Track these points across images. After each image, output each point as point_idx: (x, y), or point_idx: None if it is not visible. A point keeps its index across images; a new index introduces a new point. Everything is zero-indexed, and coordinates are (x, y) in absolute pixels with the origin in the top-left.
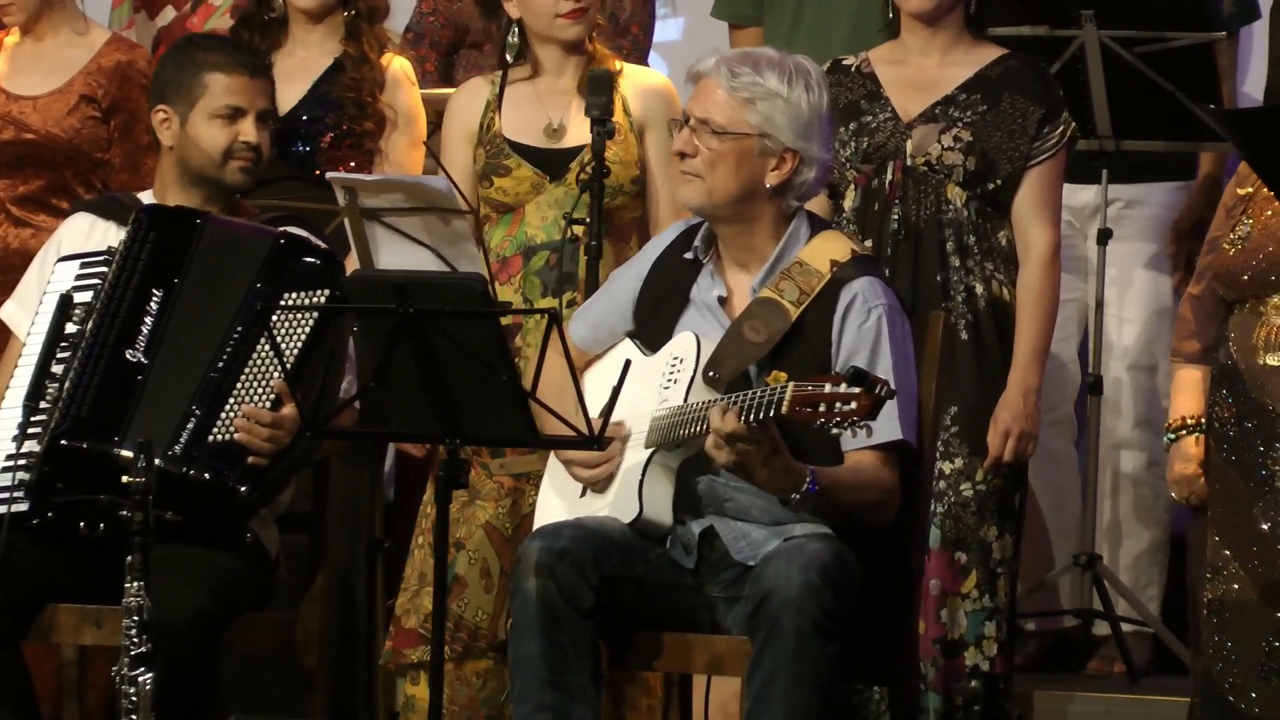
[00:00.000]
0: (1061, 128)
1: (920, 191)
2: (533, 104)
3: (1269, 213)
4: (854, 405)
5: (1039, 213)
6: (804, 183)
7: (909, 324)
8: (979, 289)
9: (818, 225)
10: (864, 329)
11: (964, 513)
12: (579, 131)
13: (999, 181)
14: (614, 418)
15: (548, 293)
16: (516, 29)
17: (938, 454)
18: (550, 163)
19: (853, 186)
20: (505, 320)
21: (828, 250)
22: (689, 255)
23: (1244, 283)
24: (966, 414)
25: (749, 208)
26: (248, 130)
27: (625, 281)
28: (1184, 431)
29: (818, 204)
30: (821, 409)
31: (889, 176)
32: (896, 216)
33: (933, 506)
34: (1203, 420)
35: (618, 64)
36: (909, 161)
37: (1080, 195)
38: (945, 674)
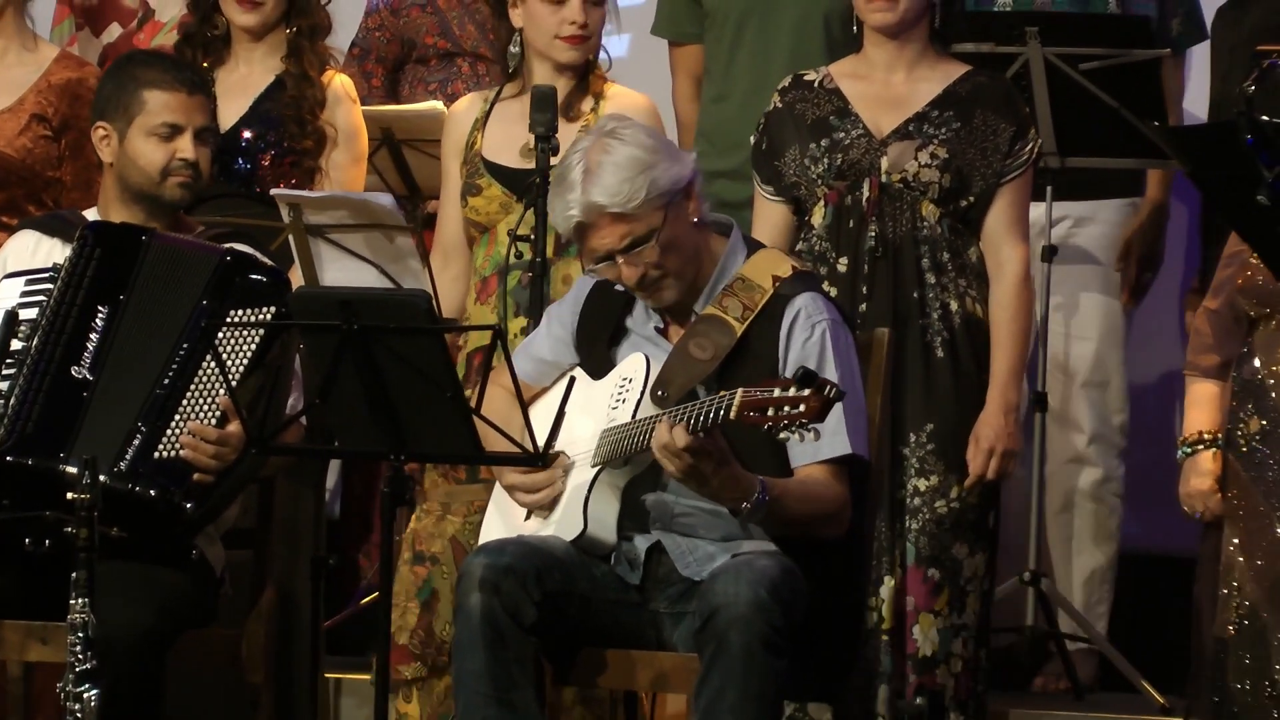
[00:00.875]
0: (1031, 144)
1: (896, 208)
2: (517, 122)
3: None
4: (802, 407)
5: (1011, 230)
6: (700, 191)
7: (853, 337)
8: (954, 306)
9: (754, 244)
10: (809, 344)
11: (938, 530)
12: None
13: (972, 199)
14: (561, 441)
15: (521, 312)
16: (519, 39)
17: (914, 471)
18: (519, 182)
19: (823, 203)
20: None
21: (769, 266)
22: (620, 288)
23: (1269, 298)
24: (943, 431)
25: (697, 252)
26: (185, 147)
27: (563, 315)
28: (1200, 446)
29: (780, 219)
30: (770, 412)
31: (865, 193)
32: (873, 233)
33: (908, 523)
34: (1219, 435)
35: (608, 86)
36: (885, 178)
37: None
38: (914, 690)
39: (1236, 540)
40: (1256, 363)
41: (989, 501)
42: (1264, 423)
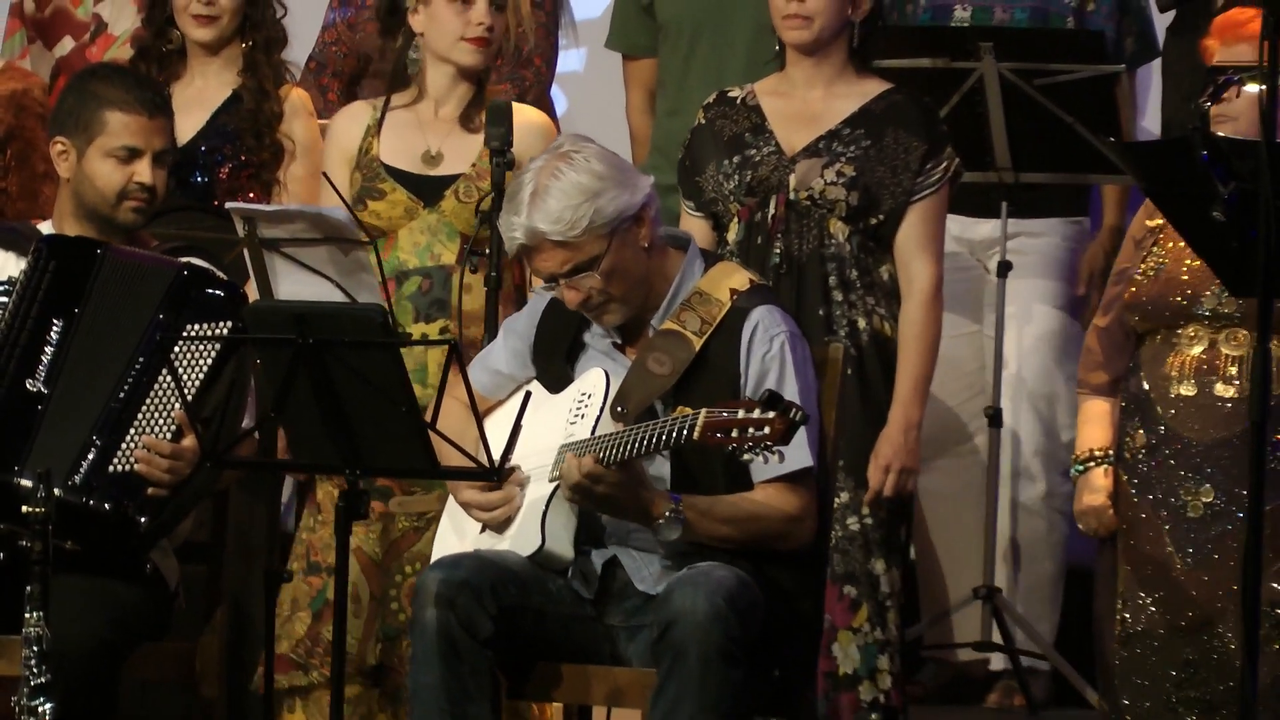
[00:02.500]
0: (945, 163)
1: (803, 225)
2: (413, 130)
3: (1180, 244)
4: (767, 430)
5: (922, 248)
6: (655, 214)
7: (809, 350)
8: (861, 323)
9: (711, 258)
10: (768, 358)
11: (851, 546)
12: (455, 160)
13: (881, 217)
14: (517, 455)
15: (420, 318)
16: (419, 47)
17: None
18: (424, 189)
19: (736, 219)
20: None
21: (726, 280)
22: None
23: (1155, 313)
24: (851, 448)
25: (647, 275)
26: (143, 171)
27: (520, 328)
28: (1092, 463)
29: (700, 234)
30: (734, 434)
31: (771, 210)
32: (779, 250)
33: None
34: (1111, 451)
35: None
36: (792, 195)
37: (980, 229)
38: (836, 708)
39: (1126, 554)
40: (1142, 377)
41: (900, 517)
42: (1150, 438)
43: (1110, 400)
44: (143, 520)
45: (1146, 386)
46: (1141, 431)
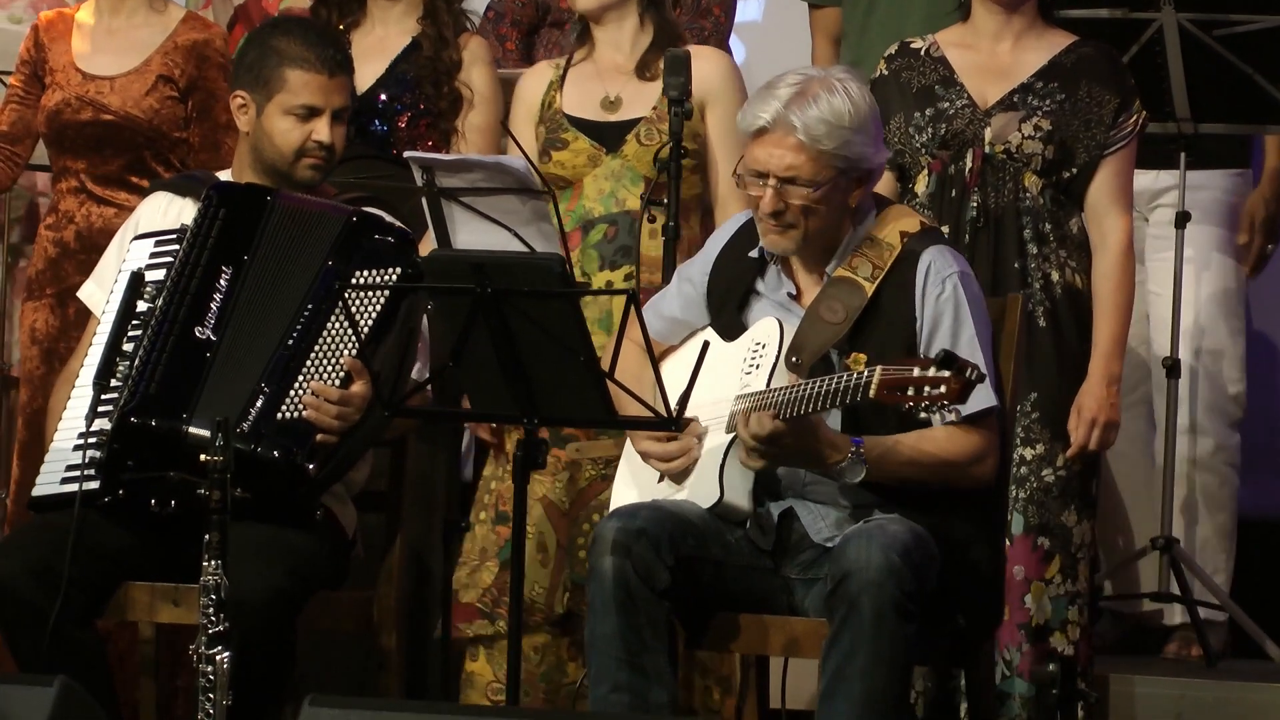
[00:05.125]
0: (1135, 116)
1: (999, 179)
2: (592, 79)
3: None
4: (943, 389)
5: (1115, 202)
6: (873, 185)
7: (979, 287)
8: (1055, 276)
9: (882, 202)
10: (942, 300)
11: (1047, 498)
12: (635, 105)
13: (1074, 170)
14: (694, 403)
15: (605, 265)
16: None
17: (1019, 440)
18: (606, 135)
19: (926, 171)
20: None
21: (897, 224)
22: (754, 254)
23: None
24: (1047, 400)
25: (835, 229)
26: (321, 130)
27: (693, 275)
28: None
29: (885, 185)
30: (910, 392)
31: (968, 164)
32: (975, 204)
33: (1014, 492)
34: None
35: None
36: (988, 149)
37: (1140, 180)
38: (1032, 659)
39: None
40: None
41: (1093, 470)
42: None
43: None
44: (311, 467)
45: None
46: None
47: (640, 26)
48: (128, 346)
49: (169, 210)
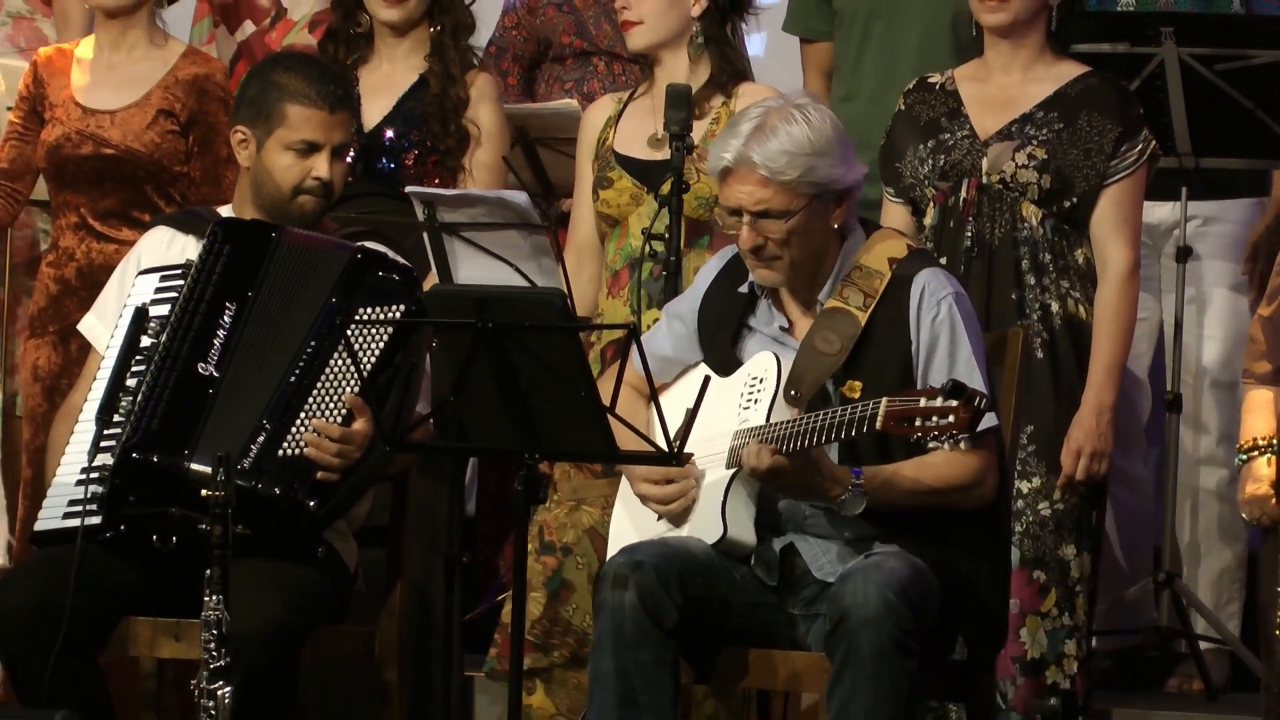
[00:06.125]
0: (1140, 146)
1: (995, 209)
2: (647, 115)
3: None
4: (952, 419)
5: (1116, 231)
6: (854, 203)
7: (973, 307)
8: (1055, 307)
9: (869, 227)
10: (937, 322)
11: (1042, 531)
12: None
13: (1074, 200)
14: (693, 438)
15: (652, 304)
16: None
17: (1015, 473)
18: (650, 173)
19: (932, 204)
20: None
21: (884, 250)
22: (744, 289)
23: None
24: (1043, 433)
25: (822, 254)
26: (320, 167)
27: (683, 312)
28: (1255, 452)
29: (900, 220)
30: (917, 423)
31: (964, 194)
32: (970, 234)
33: (1012, 525)
34: (1274, 441)
35: (740, 85)
36: (984, 179)
37: (1155, 213)
38: (1025, 693)
39: None
40: None
41: (1094, 501)
42: None
43: (1274, 389)
44: (312, 504)
45: None
46: None
47: (693, 62)
48: (131, 381)
49: (171, 245)
